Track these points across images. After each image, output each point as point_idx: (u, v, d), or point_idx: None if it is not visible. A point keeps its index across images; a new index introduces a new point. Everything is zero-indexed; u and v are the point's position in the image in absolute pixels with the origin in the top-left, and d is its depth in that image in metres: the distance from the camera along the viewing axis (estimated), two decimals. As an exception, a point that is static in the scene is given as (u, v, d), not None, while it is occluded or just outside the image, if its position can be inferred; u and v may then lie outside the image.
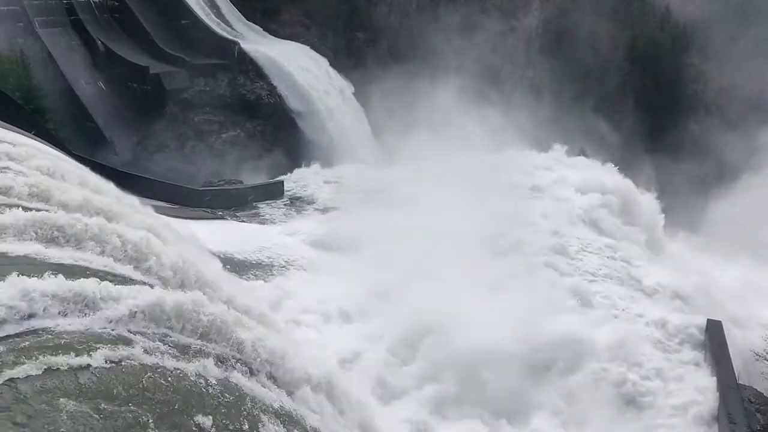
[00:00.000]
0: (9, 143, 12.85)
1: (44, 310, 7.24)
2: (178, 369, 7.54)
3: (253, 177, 39.68)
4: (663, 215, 35.19)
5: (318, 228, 29.31)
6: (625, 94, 55.84)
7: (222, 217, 31.49)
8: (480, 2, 56.44)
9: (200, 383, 7.63)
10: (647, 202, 34.99)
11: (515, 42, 54.52)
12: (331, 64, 48.11)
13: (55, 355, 6.59)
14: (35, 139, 16.12)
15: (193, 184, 37.42)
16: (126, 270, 9.60)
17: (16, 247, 8.83)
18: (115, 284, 8.31)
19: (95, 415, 6.20)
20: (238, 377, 8.30)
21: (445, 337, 19.61)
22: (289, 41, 49.21)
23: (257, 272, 24.08)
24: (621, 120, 52.75)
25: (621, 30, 57.57)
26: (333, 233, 28.03)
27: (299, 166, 40.62)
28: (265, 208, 34.06)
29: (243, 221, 31.53)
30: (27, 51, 37.70)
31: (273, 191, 36.14)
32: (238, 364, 8.64)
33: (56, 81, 40.00)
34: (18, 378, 6.17)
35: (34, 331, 7.09)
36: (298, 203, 35.09)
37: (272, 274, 24.22)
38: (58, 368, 6.46)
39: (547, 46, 55.13)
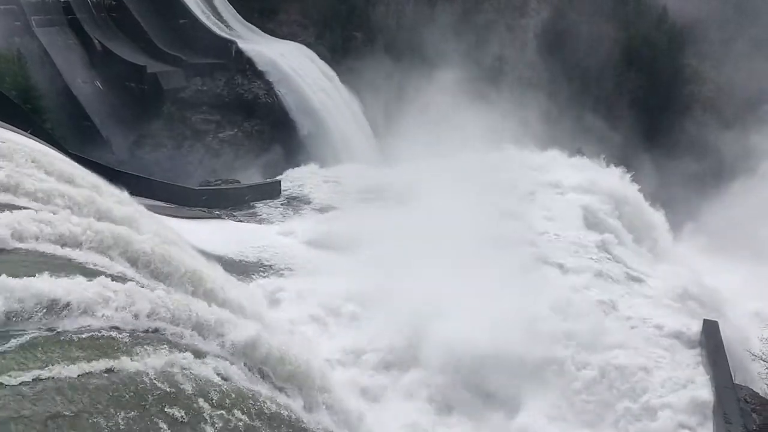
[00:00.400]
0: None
1: (161, 317, 8.22)
2: (277, 401, 8.37)
3: (250, 176, 39.66)
4: (671, 235, 35.21)
5: (316, 227, 29.25)
6: (622, 94, 55.82)
7: (219, 217, 31.43)
8: (477, 2, 56.44)
9: (306, 420, 8.40)
10: (658, 220, 34.87)
11: (512, 42, 54.54)
12: (328, 64, 48.11)
13: (173, 353, 7.18)
14: (33, 139, 16.10)
15: (190, 183, 37.36)
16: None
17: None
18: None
19: (236, 423, 6.55)
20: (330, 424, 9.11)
21: (445, 336, 19.61)
22: (288, 41, 49.21)
23: (255, 272, 24.03)
24: (618, 120, 52.77)
25: (618, 30, 57.52)
26: (331, 233, 27.96)
27: (297, 166, 40.60)
28: (262, 208, 34.05)
29: (240, 221, 31.48)
30: (24, 50, 37.59)
31: (270, 191, 36.13)
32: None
33: (53, 80, 39.89)
34: (155, 369, 6.71)
35: (154, 331, 7.88)
36: (295, 203, 35.07)
37: (269, 274, 24.16)
38: (180, 366, 7.09)
39: (545, 46, 55.10)
